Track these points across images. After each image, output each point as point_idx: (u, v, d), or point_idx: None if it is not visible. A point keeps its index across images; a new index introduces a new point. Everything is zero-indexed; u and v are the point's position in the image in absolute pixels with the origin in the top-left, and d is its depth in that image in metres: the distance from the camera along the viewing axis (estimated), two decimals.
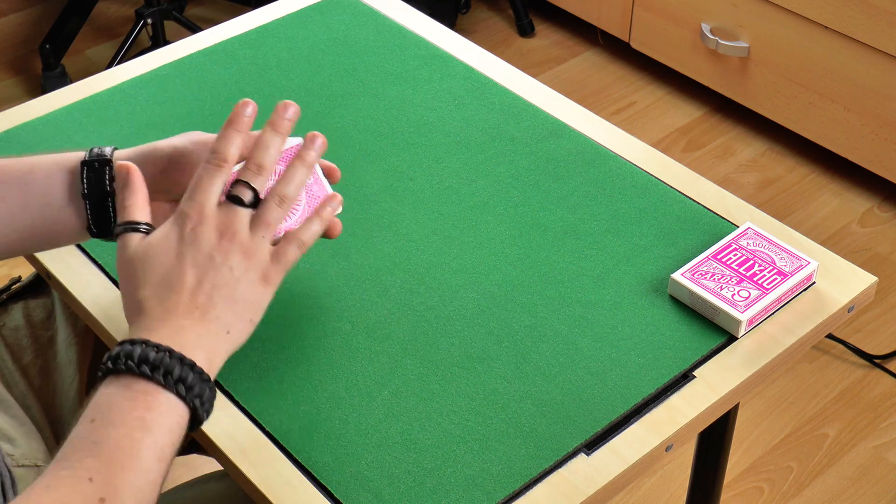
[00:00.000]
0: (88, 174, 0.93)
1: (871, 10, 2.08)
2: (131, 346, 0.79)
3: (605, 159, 1.19)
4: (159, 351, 0.79)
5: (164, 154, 0.94)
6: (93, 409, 0.78)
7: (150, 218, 0.88)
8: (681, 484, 1.80)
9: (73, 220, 0.95)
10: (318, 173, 0.98)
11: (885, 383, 1.96)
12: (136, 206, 0.87)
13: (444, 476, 0.89)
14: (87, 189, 0.93)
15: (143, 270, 0.84)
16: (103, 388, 0.79)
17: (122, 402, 0.78)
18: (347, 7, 1.40)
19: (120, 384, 0.79)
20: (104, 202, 0.94)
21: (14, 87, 2.63)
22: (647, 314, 1.02)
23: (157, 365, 0.78)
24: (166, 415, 0.78)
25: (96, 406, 0.78)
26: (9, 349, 1.15)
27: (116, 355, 0.79)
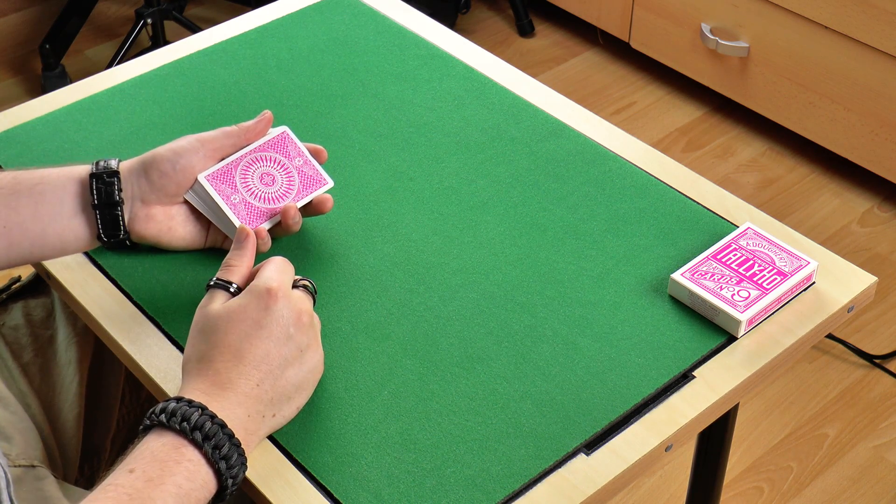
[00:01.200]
0: (98, 186, 0.98)
1: (871, 10, 2.08)
2: (189, 408, 0.82)
3: (605, 159, 1.19)
4: (214, 422, 0.82)
5: (164, 158, 1.00)
6: (137, 460, 0.80)
7: (243, 284, 0.92)
8: (681, 484, 1.80)
9: (82, 229, 1.00)
10: (307, 155, 1.04)
11: (885, 383, 1.96)
12: (239, 268, 0.92)
13: (444, 476, 0.89)
14: (96, 200, 0.98)
15: (221, 331, 0.87)
16: (151, 440, 0.82)
17: (167, 462, 0.80)
18: (347, 7, 1.40)
19: (168, 441, 0.81)
20: (114, 211, 0.99)
21: (14, 87, 2.63)
22: (647, 314, 1.02)
23: (209, 436, 0.82)
24: (200, 489, 0.81)
25: (141, 457, 0.81)
26: (9, 348, 1.15)
27: (173, 412, 0.82)
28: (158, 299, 1.04)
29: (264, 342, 0.87)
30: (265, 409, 0.87)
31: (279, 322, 0.88)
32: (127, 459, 0.81)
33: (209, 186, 1.00)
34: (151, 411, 0.83)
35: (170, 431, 0.82)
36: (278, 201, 1.02)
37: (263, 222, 1.02)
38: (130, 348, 0.99)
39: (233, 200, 1.00)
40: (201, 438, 0.81)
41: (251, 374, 0.86)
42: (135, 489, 0.78)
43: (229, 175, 1.01)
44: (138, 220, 1.01)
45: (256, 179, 1.02)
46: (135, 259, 1.07)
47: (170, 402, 0.83)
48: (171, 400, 0.83)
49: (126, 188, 0.99)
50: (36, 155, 1.18)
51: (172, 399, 0.83)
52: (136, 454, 0.81)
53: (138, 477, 0.79)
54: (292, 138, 1.05)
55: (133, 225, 1.01)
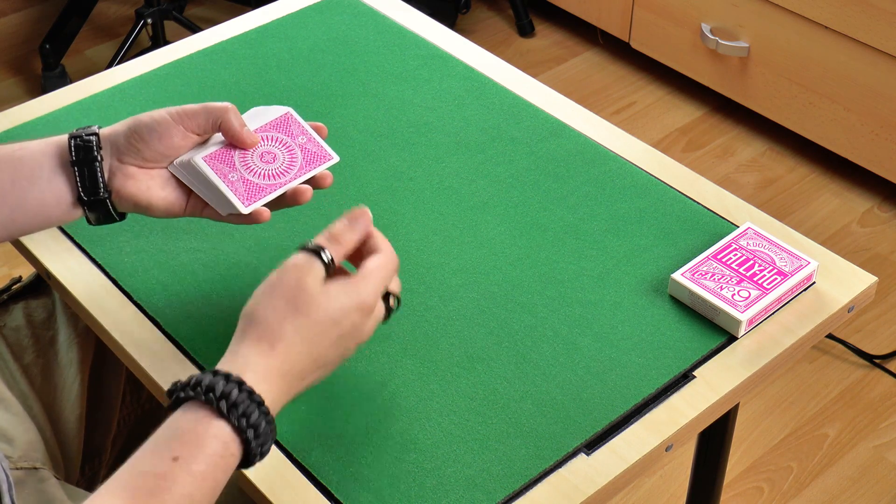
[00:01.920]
0: (77, 143, 0.97)
1: (871, 10, 2.08)
2: (249, 401, 0.80)
3: (605, 159, 1.19)
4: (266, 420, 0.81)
5: (144, 125, 0.98)
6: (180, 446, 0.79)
7: (340, 260, 0.90)
8: (681, 484, 1.80)
9: (62, 190, 0.97)
10: (311, 133, 1.02)
11: (885, 383, 1.96)
12: (345, 246, 0.90)
13: (444, 476, 0.89)
14: (74, 156, 0.97)
15: (312, 326, 0.85)
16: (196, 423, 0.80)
17: (211, 456, 0.79)
18: (347, 7, 1.40)
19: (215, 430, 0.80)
20: (92, 167, 0.97)
21: (14, 87, 2.63)
22: (647, 314, 1.02)
23: (259, 434, 0.81)
24: (230, 473, 0.81)
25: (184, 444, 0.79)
26: (10, 349, 1.15)
27: (228, 397, 0.80)
28: (159, 300, 1.04)
29: (338, 350, 0.87)
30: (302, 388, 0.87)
31: (356, 338, 0.88)
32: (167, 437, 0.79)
33: (206, 167, 0.98)
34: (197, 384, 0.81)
35: (212, 412, 0.80)
36: (279, 177, 1.00)
37: (263, 198, 1.00)
38: (131, 349, 0.99)
39: (230, 178, 0.98)
40: (246, 427, 0.80)
41: (312, 373, 0.86)
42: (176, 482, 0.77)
43: (228, 156, 0.99)
44: (117, 177, 0.98)
45: (256, 158, 1.00)
46: (135, 259, 1.07)
47: (219, 378, 0.81)
48: (220, 376, 0.81)
49: (106, 146, 0.98)
50: None
51: (223, 375, 0.81)
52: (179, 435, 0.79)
53: (181, 468, 0.77)
54: (296, 118, 1.03)
55: (112, 181, 0.98)
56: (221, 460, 0.79)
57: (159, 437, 0.79)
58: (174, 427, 0.80)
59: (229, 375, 0.81)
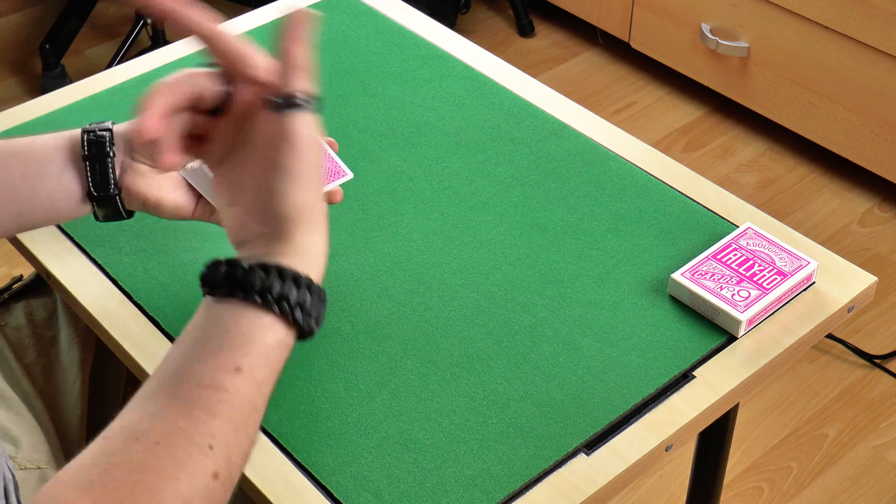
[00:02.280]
0: (90, 138, 0.95)
1: (871, 10, 2.08)
2: (310, 297, 0.76)
3: (605, 159, 1.19)
4: (322, 303, 0.77)
5: None
6: (242, 356, 0.74)
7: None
8: (681, 484, 1.80)
9: (72, 185, 0.96)
10: (326, 149, 1.00)
11: (885, 383, 1.96)
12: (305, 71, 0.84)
13: (444, 476, 0.89)
14: (87, 151, 0.95)
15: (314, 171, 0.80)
16: (255, 328, 0.75)
17: (274, 361, 0.75)
18: (347, 7, 1.40)
19: (279, 335, 0.76)
20: (104, 163, 0.95)
21: (14, 87, 2.63)
22: (647, 314, 1.02)
23: (307, 311, 0.76)
24: (281, 365, 0.77)
25: (245, 353, 0.74)
26: (11, 348, 1.15)
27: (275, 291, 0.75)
28: (158, 299, 1.04)
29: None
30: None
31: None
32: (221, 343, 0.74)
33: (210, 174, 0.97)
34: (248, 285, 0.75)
35: (268, 311, 0.75)
36: None
37: None
38: (131, 349, 0.99)
39: None
40: (312, 324, 0.76)
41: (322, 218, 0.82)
42: (240, 394, 0.72)
43: None
44: (127, 173, 0.96)
45: None
46: (135, 259, 1.07)
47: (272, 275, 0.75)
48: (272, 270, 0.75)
49: (119, 143, 0.96)
50: None
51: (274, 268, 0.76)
52: (237, 341, 0.74)
53: (247, 380, 0.73)
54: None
55: (123, 178, 0.96)
56: (282, 362, 0.76)
57: (212, 340, 0.75)
58: (231, 331, 0.75)
59: (298, 277, 0.76)
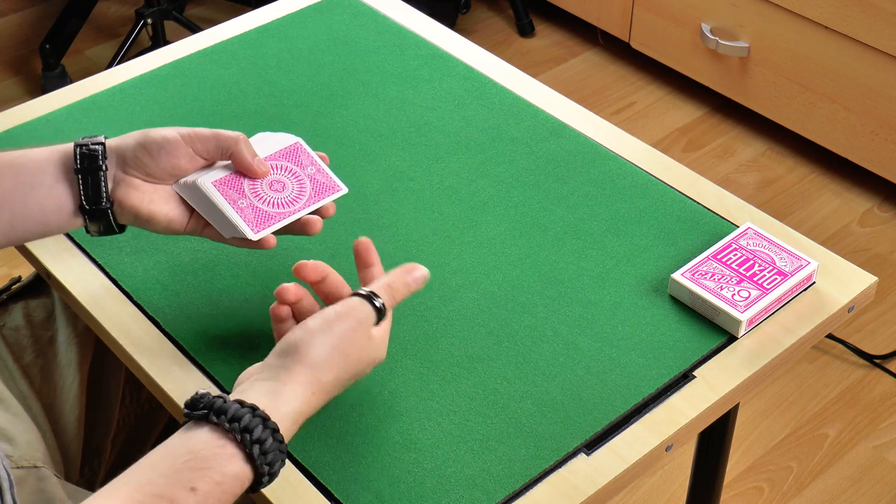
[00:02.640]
0: (82, 152, 0.96)
1: (871, 10, 2.08)
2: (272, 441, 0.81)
3: (605, 159, 1.19)
4: (282, 456, 0.82)
5: (153, 142, 0.97)
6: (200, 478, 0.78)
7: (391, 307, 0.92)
8: (681, 484, 1.80)
9: (64, 198, 0.96)
10: (320, 164, 1.02)
11: (885, 383, 1.96)
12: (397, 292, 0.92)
13: (444, 476, 0.89)
14: (79, 164, 0.95)
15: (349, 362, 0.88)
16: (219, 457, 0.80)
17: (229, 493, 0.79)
18: (347, 7, 1.40)
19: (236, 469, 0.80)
20: (96, 176, 0.96)
21: (14, 87, 2.63)
22: (647, 314, 1.02)
23: (273, 474, 0.82)
24: (236, 498, 0.81)
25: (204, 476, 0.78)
26: (9, 349, 1.15)
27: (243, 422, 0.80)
28: (159, 300, 1.04)
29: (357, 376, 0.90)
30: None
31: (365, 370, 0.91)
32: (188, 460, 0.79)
33: (216, 192, 0.98)
34: (219, 410, 0.81)
35: (236, 445, 0.80)
36: (288, 206, 0.99)
37: (272, 226, 1.00)
38: (131, 349, 0.99)
39: (240, 205, 0.98)
40: (268, 474, 0.81)
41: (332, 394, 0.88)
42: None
43: (238, 182, 0.99)
44: (120, 187, 0.97)
45: (266, 186, 1.00)
46: (135, 259, 1.07)
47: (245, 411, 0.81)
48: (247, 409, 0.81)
49: (111, 157, 0.97)
50: None
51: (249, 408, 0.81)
52: (200, 464, 0.79)
53: (199, 501, 0.77)
54: (305, 149, 1.03)
55: (115, 191, 0.97)
56: (233, 497, 0.80)
57: (178, 458, 0.79)
58: (197, 454, 0.79)
59: (266, 420, 0.81)
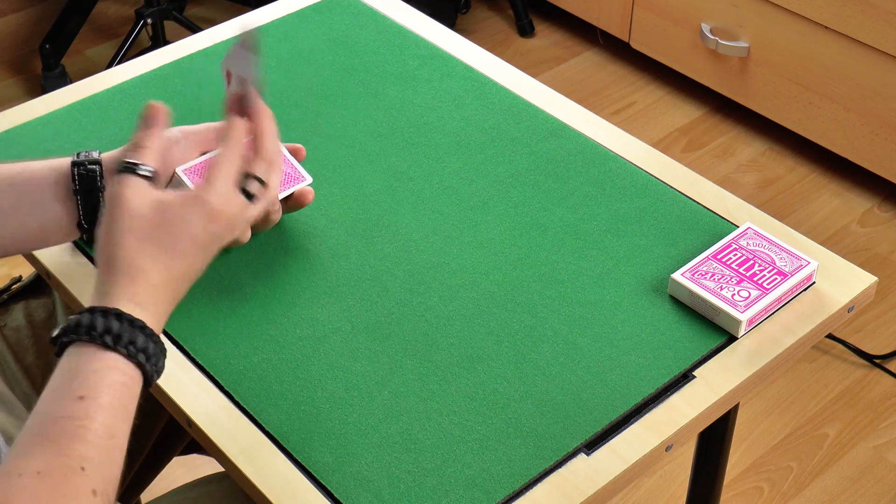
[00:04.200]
0: (80, 172, 0.98)
1: (871, 10, 2.08)
2: (131, 328, 0.82)
3: (605, 159, 1.19)
4: (153, 340, 0.83)
5: None
6: (81, 385, 0.80)
7: (160, 167, 0.91)
8: (681, 484, 1.80)
9: (63, 217, 0.99)
10: (285, 154, 1.05)
11: (885, 383, 1.96)
12: (150, 150, 0.91)
13: (444, 476, 0.89)
14: (78, 185, 0.98)
15: (156, 242, 0.86)
16: (89, 360, 0.81)
17: (113, 385, 0.81)
18: (347, 7, 1.40)
19: (108, 361, 0.81)
20: (95, 197, 0.98)
21: (14, 87, 2.63)
22: (647, 314, 1.02)
23: (150, 355, 0.83)
24: (136, 399, 0.83)
25: (84, 381, 0.80)
26: (11, 349, 1.15)
27: (110, 330, 0.81)
28: None
29: (199, 256, 0.89)
30: (180, 296, 0.89)
31: (218, 242, 0.90)
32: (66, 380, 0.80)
33: (186, 179, 1.00)
34: (77, 326, 0.82)
35: (108, 351, 0.82)
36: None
37: None
38: None
39: None
40: (145, 359, 0.82)
41: (179, 282, 0.88)
42: (88, 418, 0.78)
43: (207, 169, 1.01)
44: None
45: None
46: None
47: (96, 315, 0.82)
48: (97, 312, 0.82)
49: (107, 174, 0.99)
50: (36, 155, 1.18)
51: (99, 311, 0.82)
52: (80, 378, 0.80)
53: (90, 405, 0.79)
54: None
55: None
56: (124, 387, 0.81)
57: (56, 383, 0.81)
58: (68, 370, 0.81)
59: (106, 310, 0.83)
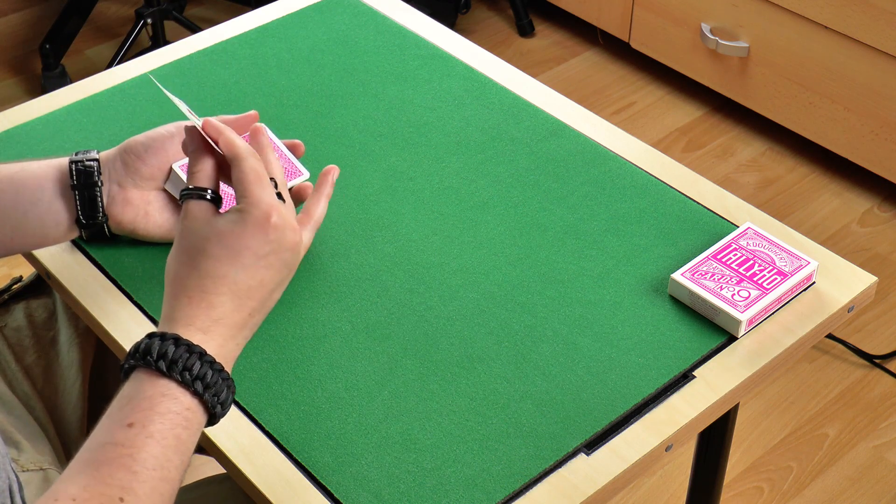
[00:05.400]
0: (78, 168, 0.99)
1: (871, 10, 2.08)
2: (188, 354, 0.79)
3: (605, 159, 1.19)
4: (213, 368, 0.79)
5: (138, 142, 1.01)
6: (132, 412, 0.77)
7: (217, 187, 0.88)
8: (681, 484, 1.80)
9: (62, 213, 1.00)
10: (283, 149, 1.06)
11: (885, 383, 1.96)
12: (204, 171, 0.88)
13: (444, 476, 0.89)
14: (75, 181, 0.99)
15: (215, 258, 0.83)
16: (144, 387, 0.78)
17: (166, 414, 0.77)
18: (347, 7, 1.40)
19: (163, 388, 0.78)
20: (92, 192, 1.00)
21: (14, 87, 2.63)
22: (647, 314, 1.02)
23: (209, 385, 0.79)
24: (196, 434, 0.79)
25: (136, 408, 0.77)
26: (11, 349, 1.15)
27: (165, 355, 0.78)
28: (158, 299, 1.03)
29: (261, 271, 0.84)
30: (251, 331, 0.85)
31: (278, 251, 0.85)
32: (119, 406, 0.78)
33: (182, 174, 1.01)
34: (136, 351, 0.80)
35: (163, 378, 0.78)
36: None
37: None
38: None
39: None
40: (202, 389, 0.79)
41: (246, 305, 0.83)
42: (135, 447, 0.75)
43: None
44: (116, 203, 1.01)
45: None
46: (136, 259, 1.07)
47: (154, 339, 0.79)
48: (156, 337, 0.80)
49: (105, 172, 1.01)
50: (36, 155, 1.18)
51: (158, 336, 0.80)
52: (133, 404, 0.78)
53: (138, 432, 0.76)
54: (269, 135, 1.07)
55: (111, 208, 1.01)
56: (178, 417, 0.78)
57: (112, 409, 0.79)
58: (123, 396, 0.79)
59: (164, 334, 0.80)
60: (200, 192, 0.86)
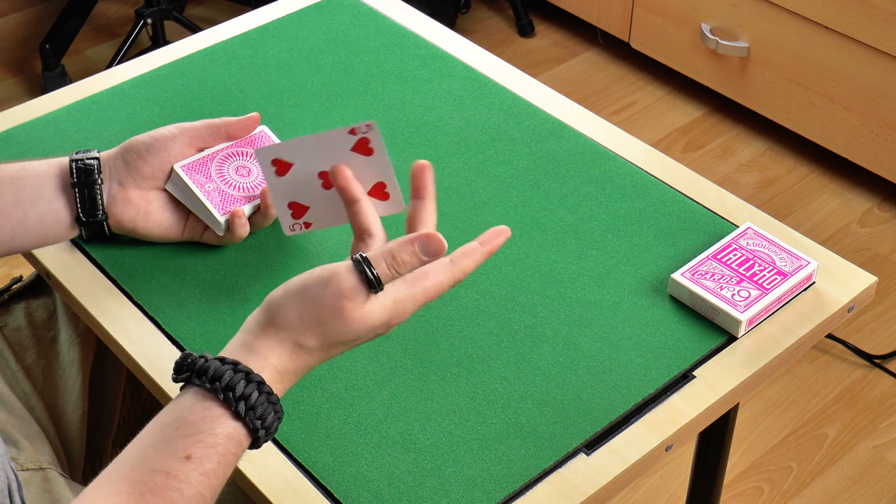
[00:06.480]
0: (78, 166, 1.00)
1: (871, 10, 2.08)
2: (258, 395, 0.78)
3: (605, 159, 1.19)
4: (275, 411, 0.79)
5: (140, 141, 1.02)
6: (194, 445, 0.76)
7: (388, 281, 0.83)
8: (681, 484, 1.80)
9: (62, 211, 1.01)
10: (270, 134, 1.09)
11: (885, 383, 1.96)
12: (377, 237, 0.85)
13: (444, 476, 0.89)
14: (75, 178, 1.00)
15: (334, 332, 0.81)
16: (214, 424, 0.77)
17: (226, 455, 0.77)
18: (347, 7, 1.40)
19: (230, 430, 0.77)
20: (92, 190, 1.00)
21: (14, 87, 2.63)
22: (647, 314, 1.02)
23: (269, 430, 0.79)
24: (239, 457, 0.79)
25: (200, 442, 0.76)
26: (11, 349, 1.15)
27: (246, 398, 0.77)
28: (159, 300, 1.04)
29: (348, 347, 0.84)
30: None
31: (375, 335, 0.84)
32: (178, 426, 0.76)
33: (184, 175, 1.02)
34: (200, 372, 0.77)
35: (229, 413, 0.77)
36: (253, 190, 1.05)
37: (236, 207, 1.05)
38: (131, 349, 0.99)
39: (207, 188, 1.03)
40: (262, 429, 0.78)
41: (327, 355, 0.83)
42: (188, 483, 0.75)
43: (205, 166, 1.04)
44: (116, 202, 1.02)
45: (232, 171, 1.06)
46: (136, 259, 1.07)
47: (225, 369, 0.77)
48: (226, 367, 0.78)
49: (105, 170, 1.01)
50: (36, 155, 1.18)
51: (229, 366, 0.78)
52: (193, 429, 0.76)
53: (195, 468, 0.75)
54: (270, 136, 1.09)
55: (111, 207, 1.02)
56: (233, 457, 0.78)
57: (167, 427, 0.77)
58: (185, 419, 0.77)
59: (250, 374, 0.78)
60: (370, 269, 0.81)
